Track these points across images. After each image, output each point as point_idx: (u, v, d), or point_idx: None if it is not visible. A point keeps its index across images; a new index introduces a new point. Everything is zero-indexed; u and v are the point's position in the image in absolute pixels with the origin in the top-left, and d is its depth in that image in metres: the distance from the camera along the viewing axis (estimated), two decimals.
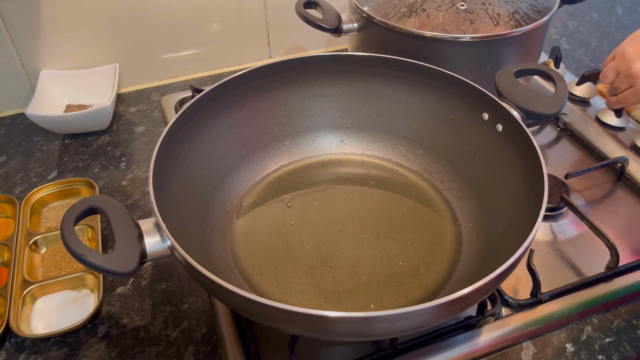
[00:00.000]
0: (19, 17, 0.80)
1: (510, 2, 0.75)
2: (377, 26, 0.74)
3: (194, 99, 0.59)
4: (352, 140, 0.73)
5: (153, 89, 0.93)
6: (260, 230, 0.62)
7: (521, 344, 0.54)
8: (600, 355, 0.54)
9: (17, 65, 0.84)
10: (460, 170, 0.66)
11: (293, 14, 0.82)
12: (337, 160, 0.72)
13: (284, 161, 0.71)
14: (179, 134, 0.57)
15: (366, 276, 0.57)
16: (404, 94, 0.69)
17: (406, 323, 0.41)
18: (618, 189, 0.72)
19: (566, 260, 0.62)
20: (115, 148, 0.80)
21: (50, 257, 0.63)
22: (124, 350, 0.55)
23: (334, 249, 0.60)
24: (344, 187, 0.68)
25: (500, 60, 0.74)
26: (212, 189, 0.63)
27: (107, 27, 0.86)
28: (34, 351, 0.55)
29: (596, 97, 0.84)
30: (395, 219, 0.64)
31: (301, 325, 0.42)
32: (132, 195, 0.72)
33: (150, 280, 0.61)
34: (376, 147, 0.72)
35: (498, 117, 0.60)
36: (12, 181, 0.75)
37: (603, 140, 0.77)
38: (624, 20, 1.13)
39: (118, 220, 0.45)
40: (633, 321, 0.57)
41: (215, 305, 0.57)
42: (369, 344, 0.53)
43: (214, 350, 0.54)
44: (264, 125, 0.69)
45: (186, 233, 0.53)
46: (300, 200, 0.66)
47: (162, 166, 0.53)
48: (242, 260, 0.59)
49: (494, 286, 0.45)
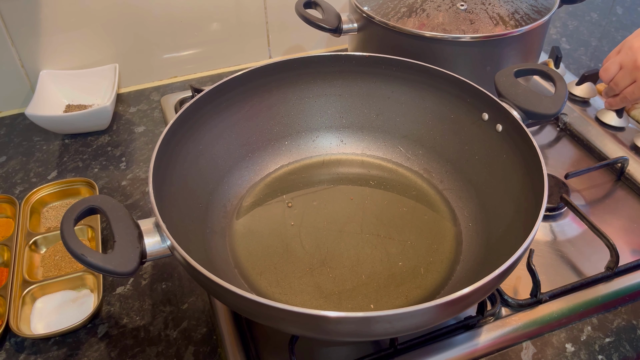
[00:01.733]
0: (19, 17, 0.80)
1: (510, 2, 0.75)
2: (377, 26, 0.74)
3: (194, 99, 0.59)
4: (352, 140, 0.73)
5: (153, 89, 0.93)
6: (260, 230, 0.62)
7: (521, 344, 0.54)
8: (600, 355, 0.54)
9: (17, 65, 0.84)
10: (460, 170, 0.66)
11: (293, 14, 0.82)
12: (337, 160, 0.72)
13: (284, 161, 0.71)
14: (179, 134, 0.57)
15: (366, 276, 0.57)
16: (404, 94, 0.69)
17: (406, 323, 0.41)
18: (618, 189, 0.72)
19: (566, 260, 0.62)
20: (115, 148, 0.80)
21: (50, 257, 0.63)
22: (123, 350, 0.55)
23: (334, 249, 0.60)
24: (344, 187, 0.68)
25: (500, 60, 0.74)
26: (212, 189, 0.63)
27: (107, 27, 0.86)
28: (34, 351, 0.55)
29: (596, 97, 0.84)
30: (395, 219, 0.64)
31: (301, 325, 0.42)
32: (132, 195, 0.72)
33: (150, 280, 0.61)
34: (376, 147, 0.72)
35: (498, 117, 0.60)
36: (12, 181, 0.75)
37: (603, 140, 0.77)
38: (624, 20, 1.13)
39: (118, 220, 0.45)
40: (633, 321, 0.57)
41: (215, 305, 0.57)
42: (369, 344, 0.53)
43: (214, 350, 0.54)
44: (264, 125, 0.69)
45: (186, 233, 0.53)
46: (300, 201, 0.66)
47: (162, 166, 0.53)
48: (242, 260, 0.59)
49: (494, 286, 0.45)
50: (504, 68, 0.62)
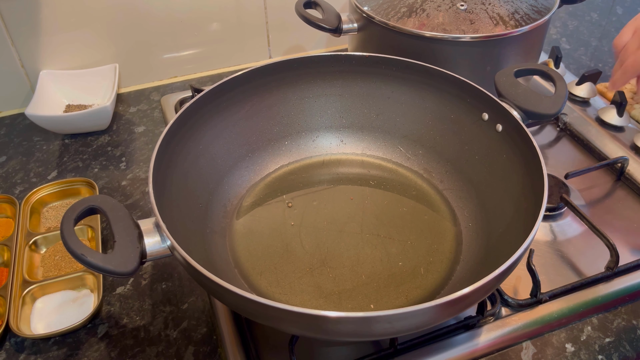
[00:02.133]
0: (18, 17, 0.80)
1: (510, 2, 0.75)
2: (377, 26, 0.74)
3: (194, 99, 0.59)
4: (352, 140, 0.73)
5: (153, 89, 0.93)
6: (260, 230, 0.62)
7: (521, 344, 0.54)
8: (600, 355, 0.54)
9: (17, 65, 0.84)
10: (460, 170, 0.66)
11: (293, 14, 0.82)
12: (337, 160, 0.72)
13: (284, 161, 0.71)
14: (179, 134, 0.57)
15: (366, 276, 0.57)
16: (404, 94, 0.69)
17: (406, 323, 0.41)
18: (618, 189, 0.72)
19: (566, 260, 0.62)
20: (115, 148, 0.80)
21: (50, 257, 0.63)
22: (123, 350, 0.55)
23: (334, 249, 0.60)
24: (344, 187, 0.68)
25: (500, 60, 0.74)
26: (212, 189, 0.63)
27: (107, 27, 0.86)
28: (34, 351, 0.55)
29: (596, 97, 0.84)
30: (395, 219, 0.64)
31: (301, 325, 0.42)
32: (132, 195, 0.72)
33: (150, 280, 0.61)
34: (376, 147, 0.72)
35: (498, 117, 0.60)
36: (12, 181, 0.75)
37: (603, 140, 0.77)
38: (624, 20, 1.13)
39: (118, 220, 0.45)
40: (633, 321, 0.57)
41: (215, 305, 0.57)
42: (369, 344, 0.53)
43: (214, 350, 0.54)
44: (264, 125, 0.69)
45: (186, 233, 0.53)
46: (300, 200, 0.66)
47: (162, 166, 0.53)
48: (242, 260, 0.59)
49: (494, 286, 0.45)
50: (504, 68, 0.62)
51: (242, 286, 0.56)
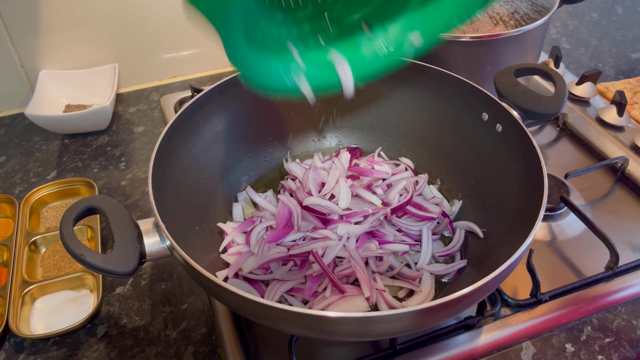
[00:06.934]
0: (18, 17, 0.80)
1: (510, 2, 0.75)
2: None
3: (194, 99, 0.59)
4: (352, 140, 0.73)
5: (153, 89, 0.93)
6: None
7: (521, 344, 0.54)
8: (600, 355, 0.54)
9: (16, 65, 0.84)
10: (460, 170, 0.66)
11: None
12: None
13: (284, 161, 0.71)
14: (179, 133, 0.57)
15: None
16: (404, 94, 0.69)
17: (406, 323, 0.41)
18: (618, 188, 0.71)
19: (566, 260, 0.62)
20: (115, 148, 0.80)
21: (50, 257, 0.63)
22: (123, 351, 0.54)
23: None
24: None
25: (500, 60, 0.74)
26: (211, 189, 0.62)
27: (107, 27, 0.86)
28: (33, 351, 0.55)
29: (596, 97, 0.84)
30: None
31: (301, 325, 0.42)
32: (132, 195, 0.72)
33: (149, 280, 0.61)
34: (376, 147, 0.72)
35: (498, 117, 0.59)
36: (12, 181, 0.74)
37: (603, 140, 0.77)
38: (624, 20, 1.13)
39: (117, 220, 0.45)
40: (633, 321, 0.57)
41: (215, 306, 0.57)
42: (369, 344, 0.53)
43: (213, 351, 0.54)
44: (264, 125, 0.69)
45: (186, 233, 0.53)
46: None
47: (162, 166, 0.53)
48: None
49: (494, 286, 0.45)
50: (504, 68, 0.62)
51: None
